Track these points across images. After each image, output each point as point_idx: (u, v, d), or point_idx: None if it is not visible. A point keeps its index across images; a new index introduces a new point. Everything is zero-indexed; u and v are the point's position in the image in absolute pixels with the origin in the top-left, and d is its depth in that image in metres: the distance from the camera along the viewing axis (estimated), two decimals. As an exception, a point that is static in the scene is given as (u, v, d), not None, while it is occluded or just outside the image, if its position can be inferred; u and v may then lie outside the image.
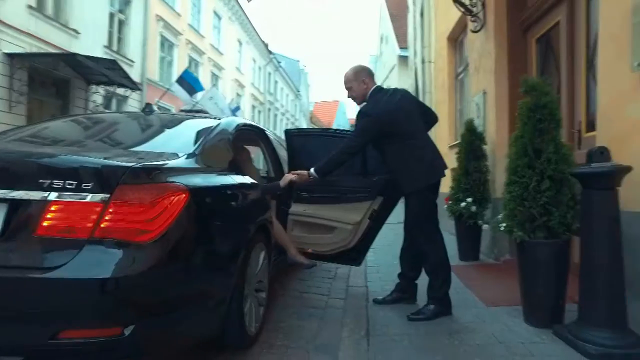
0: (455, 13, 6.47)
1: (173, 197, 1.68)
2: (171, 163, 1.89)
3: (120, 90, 11.58)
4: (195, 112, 3.39)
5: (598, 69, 2.57)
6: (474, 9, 4.97)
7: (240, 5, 23.45)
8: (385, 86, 3.12)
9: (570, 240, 2.33)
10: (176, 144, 2.22)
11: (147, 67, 14.13)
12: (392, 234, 4.60)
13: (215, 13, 20.90)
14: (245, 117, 22.98)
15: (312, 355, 2.29)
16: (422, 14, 10.27)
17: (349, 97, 2.94)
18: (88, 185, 1.56)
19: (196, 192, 1.82)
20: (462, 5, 5.04)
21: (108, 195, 1.56)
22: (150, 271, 1.56)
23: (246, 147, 3.59)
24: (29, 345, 1.52)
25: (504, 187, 2.54)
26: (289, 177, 2.90)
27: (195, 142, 2.25)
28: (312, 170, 2.75)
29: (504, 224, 2.47)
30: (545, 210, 2.29)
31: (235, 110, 16.76)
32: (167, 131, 2.58)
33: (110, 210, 1.56)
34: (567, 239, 2.31)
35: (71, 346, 1.50)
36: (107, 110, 11.14)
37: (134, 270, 1.54)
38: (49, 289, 1.47)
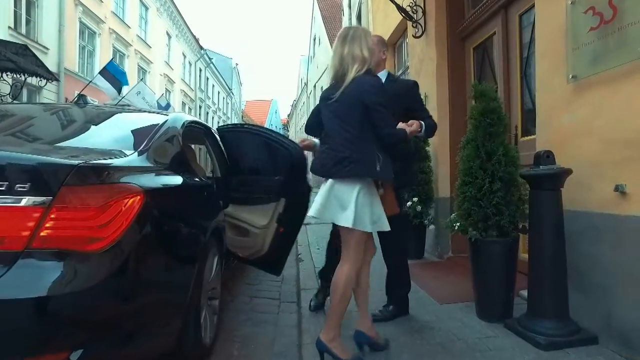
0: (394, 18, 6.68)
1: (127, 200, 1.49)
2: (122, 161, 1.68)
3: (34, 80, 10.34)
4: (137, 108, 3.12)
5: (535, 80, 2.77)
6: (415, 16, 5.16)
7: (169, -4, 22.31)
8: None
9: (519, 238, 2.47)
10: (122, 140, 1.99)
11: (65, 56, 12.83)
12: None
13: (142, 3, 19.64)
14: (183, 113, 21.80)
15: (274, 364, 2.18)
16: (359, 18, 10.50)
17: None
18: (24, 187, 1.32)
19: (152, 194, 1.64)
20: (403, 11, 5.22)
21: (49, 198, 1.34)
22: (101, 285, 1.37)
23: (190, 145, 3.38)
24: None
25: (456, 188, 2.63)
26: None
27: (144, 138, 2.03)
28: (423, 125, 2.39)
29: (458, 224, 2.56)
30: (497, 210, 2.41)
31: (165, 108, 15.90)
32: (110, 126, 2.31)
33: (53, 215, 1.34)
34: (515, 237, 2.45)
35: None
36: (16, 102, 9.88)
37: (82, 284, 1.34)
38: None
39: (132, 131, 2.17)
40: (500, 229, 2.44)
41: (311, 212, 2.04)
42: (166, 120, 2.38)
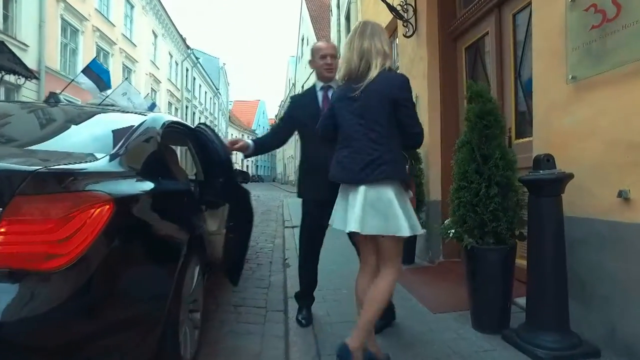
0: (383, 18, 6.58)
1: (94, 210, 1.33)
2: (90, 166, 1.52)
3: (11, 78, 9.98)
4: (114, 107, 2.94)
5: (532, 81, 2.67)
6: (405, 15, 5.06)
7: (155, -6, 21.93)
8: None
9: (516, 245, 2.37)
10: (93, 142, 1.82)
11: (46, 54, 12.46)
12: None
13: (128, 1, 19.26)
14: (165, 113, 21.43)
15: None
16: (347, 18, 10.40)
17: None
18: (-32, 197, 1.16)
19: (123, 202, 1.48)
20: (394, 10, 5.11)
21: None
22: (62, 307, 1.20)
23: (172, 147, 3.21)
24: None
25: (451, 192, 2.52)
26: None
27: (118, 140, 1.87)
28: None
29: (453, 231, 2.44)
30: (494, 216, 2.30)
31: (151, 108, 15.53)
32: (81, 127, 2.13)
33: (3, 229, 1.17)
34: (513, 244, 2.35)
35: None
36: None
37: (39, 308, 1.18)
38: None
39: (105, 133, 2.00)
40: (497, 236, 2.33)
41: (352, 226, 1.83)
42: (144, 121, 2.22)
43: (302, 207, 2.74)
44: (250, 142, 2.64)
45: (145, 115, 2.38)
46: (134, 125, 2.09)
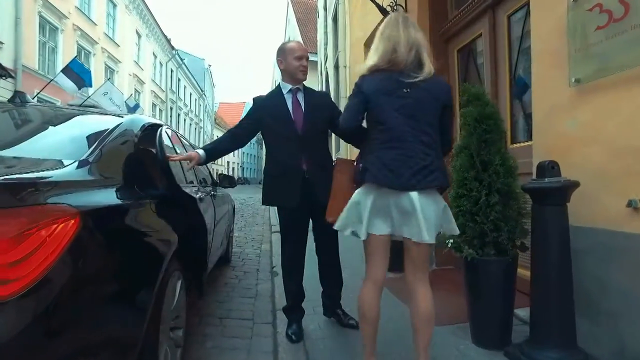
0: (372, 19, 6.49)
1: (56, 226, 1.15)
2: (54, 174, 1.34)
3: (-15, 77, 9.61)
4: (88, 108, 2.73)
5: (530, 84, 2.57)
6: (396, 16, 4.96)
7: (139, -6, 21.51)
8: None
9: (517, 256, 2.26)
10: (61, 147, 1.64)
11: (23, 52, 12.03)
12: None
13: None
14: (145, 115, 21.01)
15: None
16: (335, 20, 10.29)
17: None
18: None
19: (92, 216, 1.30)
20: (383, 10, 5.00)
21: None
22: (14, 342, 1.03)
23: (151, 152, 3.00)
24: None
25: (449, 200, 2.39)
26: None
27: (89, 145, 1.69)
28: None
29: (451, 240, 2.32)
30: (494, 226, 2.18)
31: (134, 108, 15.17)
32: (47, 130, 1.94)
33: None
34: (514, 255, 2.23)
35: None
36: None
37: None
38: None
39: (75, 136, 1.82)
40: (498, 246, 2.21)
41: (424, 237, 1.69)
42: (120, 124, 2.04)
43: (278, 215, 2.62)
44: (200, 152, 2.49)
45: (122, 117, 2.20)
46: (108, 128, 1.91)
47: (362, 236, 1.81)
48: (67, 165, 1.46)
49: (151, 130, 2.39)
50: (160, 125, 2.52)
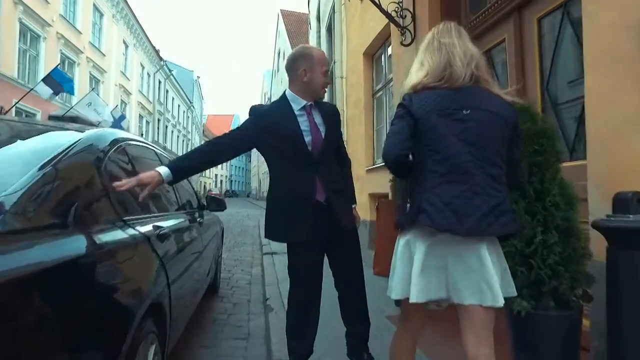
0: (372, 28, 6.12)
1: None
2: None
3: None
4: (70, 120, 2.24)
5: (586, 93, 2.15)
6: (402, 22, 4.58)
7: (127, 3, 21.03)
8: None
9: (582, 309, 1.80)
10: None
11: (1, 60, 11.44)
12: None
13: (96, 8, 18.33)
14: (131, 127, 20.44)
15: None
16: (329, 29, 9.94)
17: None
18: None
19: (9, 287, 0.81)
20: (389, 16, 4.62)
21: None
22: None
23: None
24: None
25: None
26: None
27: (15, 177, 1.18)
28: None
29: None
30: (553, 272, 1.73)
31: (120, 120, 14.62)
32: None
33: None
34: (578, 307, 1.78)
35: None
36: None
37: None
38: None
39: (7, 163, 1.32)
40: (558, 296, 1.76)
41: (498, 300, 1.30)
42: (79, 140, 1.56)
43: (288, 255, 2.06)
44: (162, 170, 1.81)
45: (82, 132, 1.71)
46: (60, 147, 1.43)
47: (412, 300, 1.35)
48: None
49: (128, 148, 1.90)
50: (124, 140, 1.99)
